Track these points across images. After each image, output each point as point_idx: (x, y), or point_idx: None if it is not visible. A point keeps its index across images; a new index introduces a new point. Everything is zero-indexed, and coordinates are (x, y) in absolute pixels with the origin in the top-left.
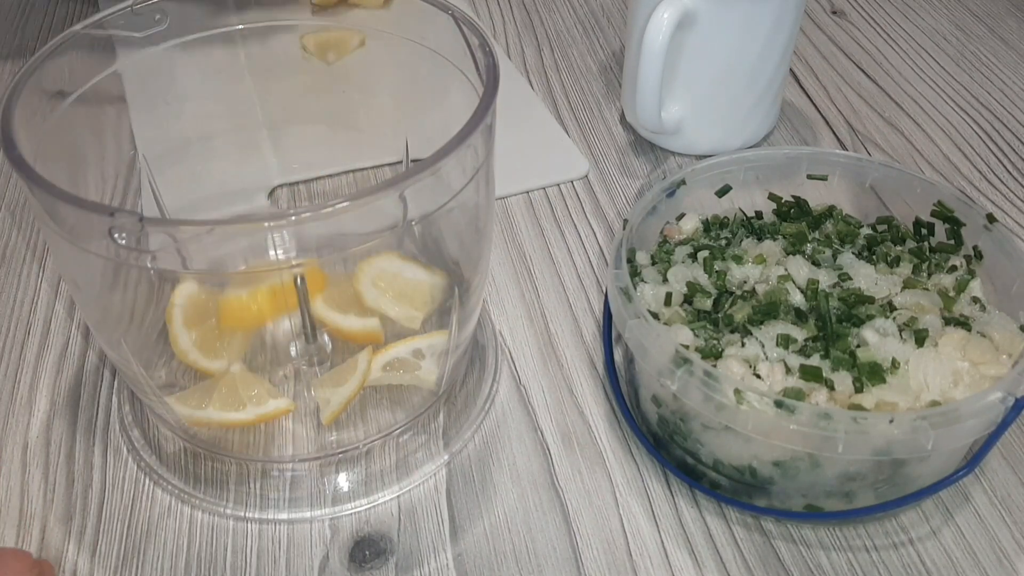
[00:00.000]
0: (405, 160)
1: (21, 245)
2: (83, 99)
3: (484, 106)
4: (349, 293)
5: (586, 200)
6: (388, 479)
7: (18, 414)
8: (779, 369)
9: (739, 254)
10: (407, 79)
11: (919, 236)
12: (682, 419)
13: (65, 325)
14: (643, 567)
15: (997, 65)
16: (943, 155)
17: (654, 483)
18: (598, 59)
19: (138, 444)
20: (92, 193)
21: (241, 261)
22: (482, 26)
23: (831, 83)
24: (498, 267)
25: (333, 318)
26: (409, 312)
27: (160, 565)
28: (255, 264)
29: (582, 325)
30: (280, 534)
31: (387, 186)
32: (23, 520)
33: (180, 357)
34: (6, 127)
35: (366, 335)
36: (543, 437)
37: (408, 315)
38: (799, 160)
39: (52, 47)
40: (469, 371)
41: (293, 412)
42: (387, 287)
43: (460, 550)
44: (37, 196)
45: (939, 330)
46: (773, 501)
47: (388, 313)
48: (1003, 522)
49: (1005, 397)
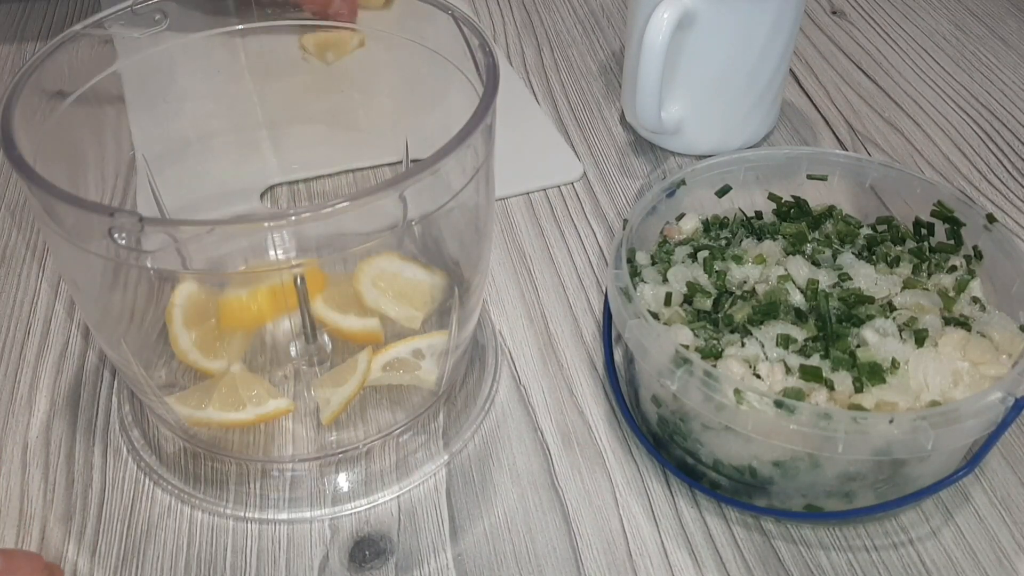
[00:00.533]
0: (405, 160)
1: (21, 245)
2: (83, 99)
3: (484, 106)
4: (349, 293)
5: (586, 200)
6: (388, 479)
7: (18, 414)
8: (779, 369)
9: (739, 254)
10: (407, 79)
11: (919, 236)
12: (682, 419)
13: (65, 325)
14: (643, 567)
15: (997, 65)
16: (943, 155)
17: (654, 483)
18: (598, 59)
19: (138, 444)
20: (92, 193)
21: (241, 261)
22: (482, 26)
23: (831, 83)
24: (498, 267)
25: (333, 318)
26: (409, 312)
27: (160, 565)
28: (255, 264)
29: (582, 325)
30: (280, 534)
31: (387, 186)
32: (23, 520)
33: (180, 357)
34: (6, 127)
35: (366, 335)
36: (543, 437)
37: (408, 315)
38: (799, 160)
39: (52, 47)
40: (469, 371)
41: (293, 412)
42: (387, 287)
43: (460, 550)
44: (37, 196)
45: (939, 330)
46: (773, 501)
47: (388, 313)
48: (1003, 522)
49: (1005, 397)
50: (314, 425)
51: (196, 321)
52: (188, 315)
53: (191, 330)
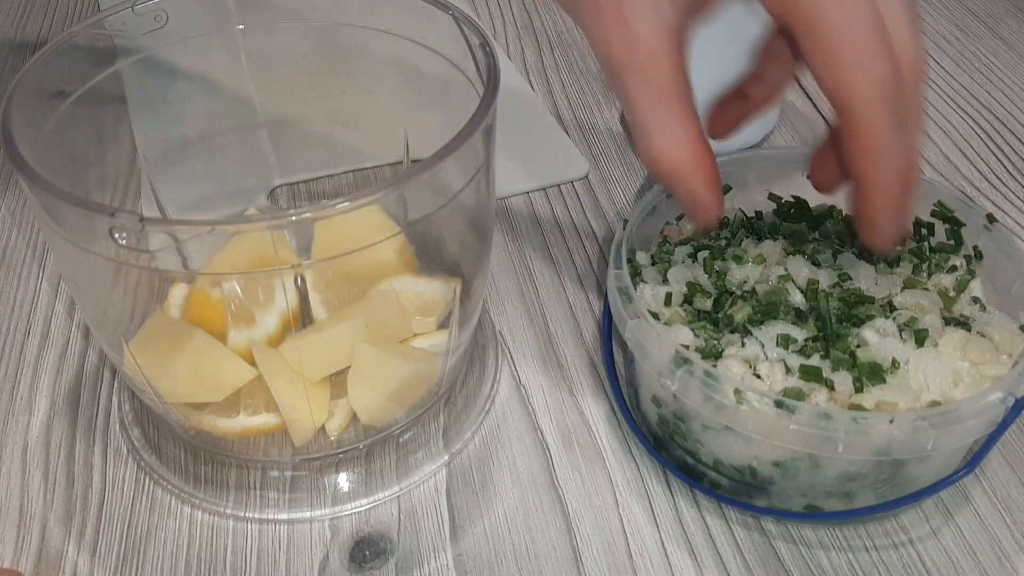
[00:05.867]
0: (405, 160)
1: (21, 245)
2: (83, 99)
3: (484, 106)
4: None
5: (586, 200)
6: (388, 479)
7: (18, 414)
8: (779, 369)
9: (739, 254)
10: (407, 79)
11: (919, 236)
12: (682, 419)
13: (65, 325)
14: (643, 567)
15: (997, 65)
16: (943, 155)
17: (654, 483)
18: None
19: (138, 444)
20: (92, 193)
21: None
22: (482, 26)
23: None
24: (498, 267)
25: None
26: (427, 319)
27: (160, 565)
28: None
29: (582, 325)
30: (280, 534)
31: (387, 186)
32: (23, 520)
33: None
34: (6, 127)
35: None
36: (543, 437)
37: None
38: (799, 160)
39: (52, 47)
40: (469, 371)
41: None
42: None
43: (460, 550)
44: (37, 196)
45: (939, 330)
46: (773, 501)
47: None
48: (1003, 522)
49: (1005, 397)
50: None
51: (196, 321)
52: (188, 316)
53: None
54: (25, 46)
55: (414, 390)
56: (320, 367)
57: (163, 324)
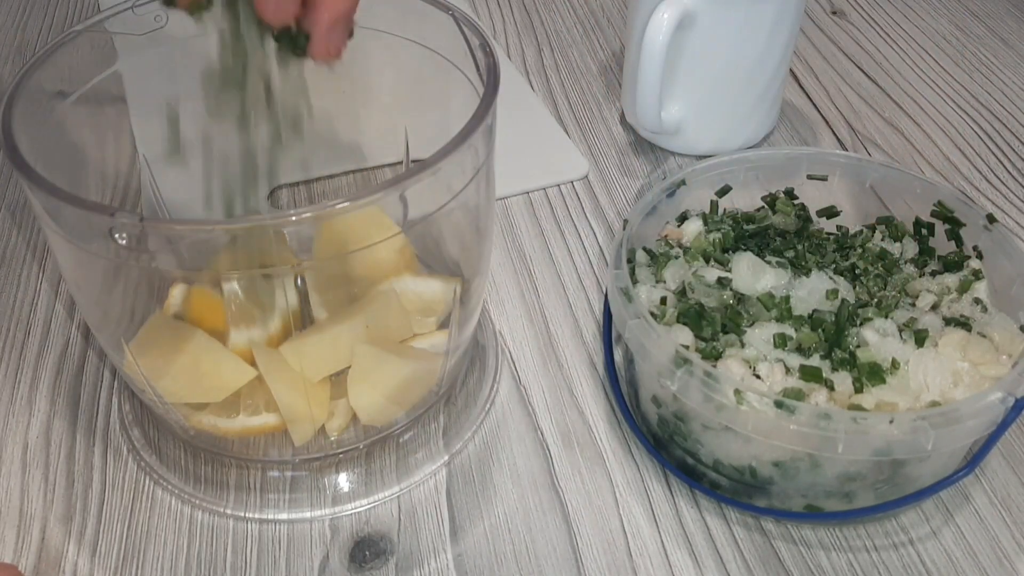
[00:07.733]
0: (405, 160)
1: (21, 245)
2: (83, 99)
3: (484, 106)
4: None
5: (586, 200)
6: (388, 479)
7: (18, 414)
8: (779, 369)
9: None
10: (407, 79)
11: (919, 236)
12: (682, 419)
13: (65, 325)
14: (643, 567)
15: (997, 65)
16: (943, 155)
17: (654, 483)
18: (598, 59)
19: (138, 444)
20: (92, 193)
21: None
22: (482, 26)
23: (831, 83)
24: (498, 267)
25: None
26: (426, 320)
27: (160, 565)
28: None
29: (582, 325)
30: (280, 534)
31: (387, 186)
32: (23, 520)
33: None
34: (6, 127)
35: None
36: (543, 437)
37: (424, 322)
38: (799, 160)
39: (52, 47)
40: (469, 371)
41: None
42: (412, 309)
43: (460, 550)
44: (37, 196)
45: (939, 330)
46: (773, 501)
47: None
48: (1003, 522)
49: (1005, 397)
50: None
51: (195, 322)
52: (188, 316)
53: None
54: (25, 46)
55: (414, 390)
56: (320, 367)
57: (163, 324)
